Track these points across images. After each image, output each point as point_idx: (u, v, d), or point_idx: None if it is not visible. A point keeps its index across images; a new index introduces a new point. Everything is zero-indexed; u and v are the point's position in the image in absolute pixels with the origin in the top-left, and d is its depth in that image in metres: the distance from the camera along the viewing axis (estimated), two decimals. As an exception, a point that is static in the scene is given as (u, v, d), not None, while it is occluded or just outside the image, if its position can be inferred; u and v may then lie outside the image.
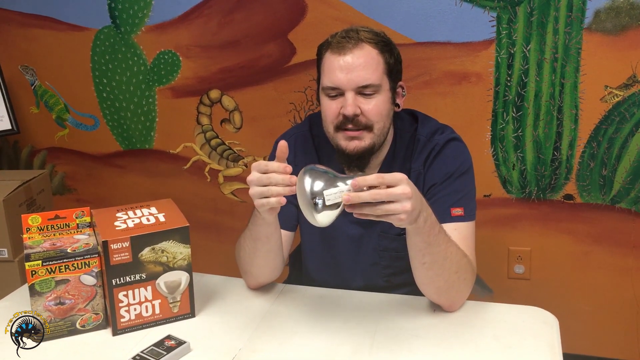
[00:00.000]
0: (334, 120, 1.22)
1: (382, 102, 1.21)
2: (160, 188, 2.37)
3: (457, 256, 1.14)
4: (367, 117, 1.20)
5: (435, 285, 1.15)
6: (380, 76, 1.20)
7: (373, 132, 1.21)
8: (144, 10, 2.18)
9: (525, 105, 1.92)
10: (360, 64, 1.18)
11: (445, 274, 1.12)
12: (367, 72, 1.18)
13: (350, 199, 0.94)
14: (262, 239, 1.19)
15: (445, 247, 1.11)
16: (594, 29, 1.81)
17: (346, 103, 1.19)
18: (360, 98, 1.20)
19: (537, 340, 1.09)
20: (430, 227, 1.06)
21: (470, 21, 1.89)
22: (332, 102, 1.22)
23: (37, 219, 1.19)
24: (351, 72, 1.18)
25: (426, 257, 1.10)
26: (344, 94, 1.19)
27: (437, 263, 1.11)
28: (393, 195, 0.95)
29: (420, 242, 1.08)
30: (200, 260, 2.28)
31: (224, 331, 1.15)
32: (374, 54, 1.20)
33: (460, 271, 1.14)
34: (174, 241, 1.14)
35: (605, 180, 1.93)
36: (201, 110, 2.25)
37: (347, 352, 1.07)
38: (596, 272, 2.01)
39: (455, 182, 1.25)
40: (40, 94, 2.41)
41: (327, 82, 1.21)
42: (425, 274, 1.13)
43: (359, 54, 1.18)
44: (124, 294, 1.13)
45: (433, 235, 1.07)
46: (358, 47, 1.18)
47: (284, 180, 1.01)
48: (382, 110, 1.21)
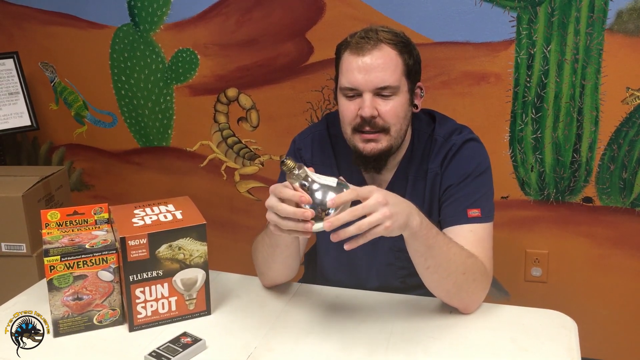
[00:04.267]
0: (352, 121, 1.21)
1: (400, 104, 1.21)
2: (176, 186, 2.38)
3: (462, 257, 1.13)
4: (384, 119, 1.19)
5: (444, 289, 1.15)
6: (399, 78, 1.19)
7: (390, 135, 1.21)
8: (162, 9, 2.19)
9: (544, 106, 1.90)
10: (379, 65, 1.17)
11: (452, 276, 1.12)
12: (386, 73, 1.17)
13: (332, 224, 0.95)
14: (281, 247, 1.19)
15: (447, 249, 1.11)
16: (616, 30, 1.78)
17: (364, 104, 1.18)
18: (378, 99, 1.19)
19: (555, 344, 1.08)
20: (427, 229, 1.07)
21: (490, 21, 1.87)
22: (349, 103, 1.21)
23: (56, 214, 1.20)
24: (369, 74, 1.17)
25: (429, 261, 1.10)
26: (362, 95, 1.19)
27: (442, 266, 1.11)
28: (368, 207, 0.97)
29: (420, 246, 1.08)
30: (216, 258, 2.28)
31: (239, 329, 1.15)
32: (393, 55, 1.19)
33: (468, 272, 1.13)
34: (190, 238, 1.14)
35: (625, 184, 1.90)
36: (218, 109, 2.26)
37: (362, 353, 1.07)
38: (615, 276, 1.98)
39: (473, 183, 1.24)
40: (59, 90, 2.43)
41: (345, 82, 1.20)
42: (432, 278, 1.13)
43: (378, 55, 1.17)
44: (140, 291, 1.13)
45: (432, 238, 1.08)
46: (377, 48, 1.18)
47: (295, 214, 0.97)
48: (399, 112, 1.21)
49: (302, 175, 0.98)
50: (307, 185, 0.98)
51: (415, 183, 1.29)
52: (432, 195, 1.28)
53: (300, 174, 0.98)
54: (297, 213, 0.96)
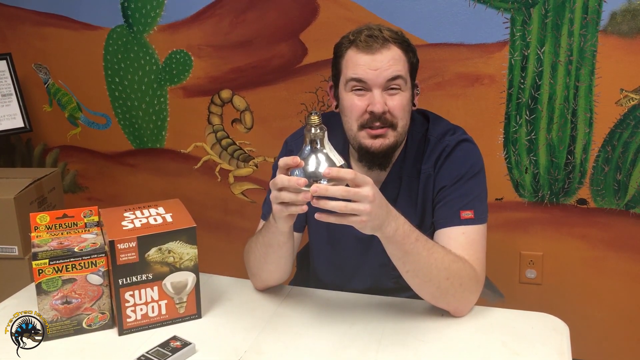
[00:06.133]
0: (359, 118, 1.20)
1: (406, 99, 1.21)
2: (170, 187, 2.38)
3: (445, 263, 1.12)
4: (392, 114, 1.19)
5: (427, 292, 1.15)
6: (406, 73, 1.21)
7: (397, 130, 1.21)
8: (156, 10, 2.19)
9: (538, 108, 1.90)
10: (389, 61, 1.18)
11: (434, 281, 1.12)
12: (396, 67, 1.18)
13: (318, 191, 0.95)
14: (274, 246, 1.18)
15: (428, 255, 1.10)
16: (610, 31, 1.78)
17: (374, 100, 1.18)
18: (386, 95, 1.19)
19: (546, 348, 1.07)
20: (404, 236, 1.06)
21: (484, 23, 1.87)
22: (357, 98, 1.20)
23: (46, 217, 1.19)
24: (380, 69, 1.17)
25: (408, 266, 1.10)
26: (371, 91, 1.18)
27: (422, 271, 1.11)
28: (357, 194, 0.97)
29: (396, 250, 1.08)
30: (210, 260, 2.28)
31: (230, 332, 1.15)
32: (400, 53, 1.20)
33: (453, 277, 1.13)
34: (180, 242, 1.14)
35: (619, 185, 1.90)
36: (212, 110, 2.25)
37: (353, 355, 1.06)
38: (609, 278, 1.98)
39: (466, 184, 1.24)
40: (53, 92, 2.42)
41: (352, 74, 1.19)
42: (413, 282, 1.13)
43: (387, 54, 1.18)
44: (130, 294, 1.12)
45: (409, 244, 1.07)
46: (385, 47, 1.18)
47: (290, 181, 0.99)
48: (405, 108, 1.21)
49: (320, 135, 1.00)
50: (317, 147, 1.00)
51: (409, 183, 1.29)
52: (425, 196, 1.28)
53: (318, 133, 0.99)
54: (291, 180, 0.98)
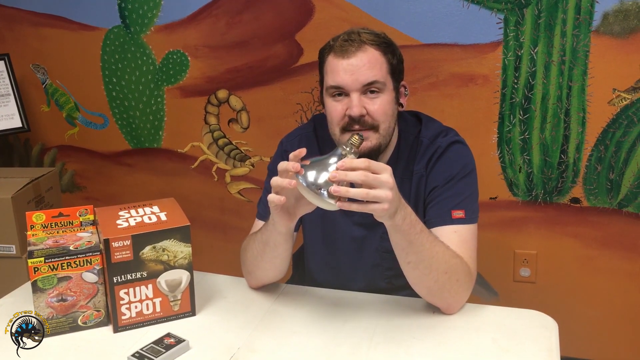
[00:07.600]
0: (340, 122, 1.22)
1: (387, 102, 1.22)
2: (167, 187, 2.39)
3: (446, 257, 1.14)
4: (372, 117, 1.20)
5: (425, 285, 1.16)
6: (385, 75, 1.21)
7: (379, 133, 1.22)
8: (153, 11, 2.20)
9: (532, 107, 1.91)
10: (365, 64, 1.18)
11: (433, 274, 1.13)
12: (372, 71, 1.19)
13: (337, 177, 0.96)
14: (271, 245, 1.20)
15: (430, 247, 1.11)
16: (602, 31, 1.80)
17: (352, 104, 1.19)
18: (365, 99, 1.20)
19: (535, 345, 1.09)
20: (410, 225, 1.07)
21: (478, 23, 1.88)
22: (337, 103, 1.22)
23: (41, 216, 1.21)
24: (355, 74, 1.18)
25: (410, 257, 1.11)
26: (349, 95, 1.20)
27: (423, 263, 1.11)
28: (379, 180, 0.98)
29: (401, 240, 1.09)
30: (206, 259, 2.30)
31: (223, 330, 1.16)
32: (377, 55, 1.20)
33: (451, 272, 1.14)
34: (174, 240, 1.15)
35: (612, 184, 1.91)
36: (209, 110, 2.26)
37: (345, 352, 1.08)
38: (603, 276, 1.99)
39: (457, 184, 1.25)
40: (51, 92, 2.43)
41: (331, 82, 1.21)
42: (413, 274, 1.14)
43: (362, 56, 1.19)
44: (125, 292, 1.14)
45: (414, 234, 1.08)
46: (361, 50, 1.19)
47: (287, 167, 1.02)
48: (387, 110, 1.22)
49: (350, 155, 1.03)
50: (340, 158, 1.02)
51: (401, 184, 1.30)
52: (417, 197, 1.29)
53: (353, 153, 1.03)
54: (288, 166, 1.01)
